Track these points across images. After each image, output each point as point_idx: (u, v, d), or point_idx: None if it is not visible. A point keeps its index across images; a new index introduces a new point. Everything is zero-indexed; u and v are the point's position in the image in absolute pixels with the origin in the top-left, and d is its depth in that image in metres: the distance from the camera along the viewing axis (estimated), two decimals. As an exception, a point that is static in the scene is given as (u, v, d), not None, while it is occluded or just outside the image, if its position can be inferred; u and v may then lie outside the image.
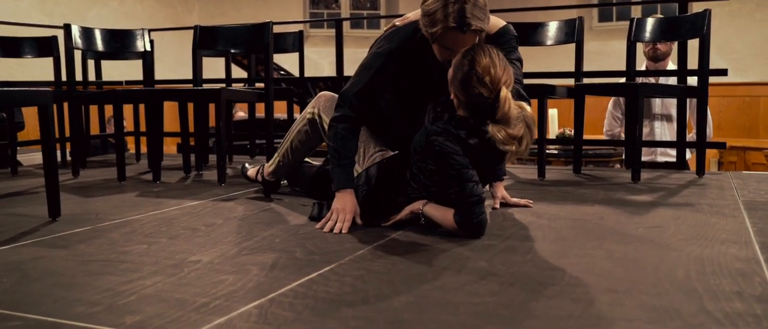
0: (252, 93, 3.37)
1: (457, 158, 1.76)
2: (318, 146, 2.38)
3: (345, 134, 1.99)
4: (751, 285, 1.35)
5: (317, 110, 2.26)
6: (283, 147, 2.42)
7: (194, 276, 1.47)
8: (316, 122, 2.26)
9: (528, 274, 1.45)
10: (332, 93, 2.31)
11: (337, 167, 1.99)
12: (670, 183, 2.94)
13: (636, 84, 2.98)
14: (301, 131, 2.33)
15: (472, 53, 1.79)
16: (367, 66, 2.04)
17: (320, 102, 2.28)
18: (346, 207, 1.94)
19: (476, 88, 1.75)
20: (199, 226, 2.05)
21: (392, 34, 2.05)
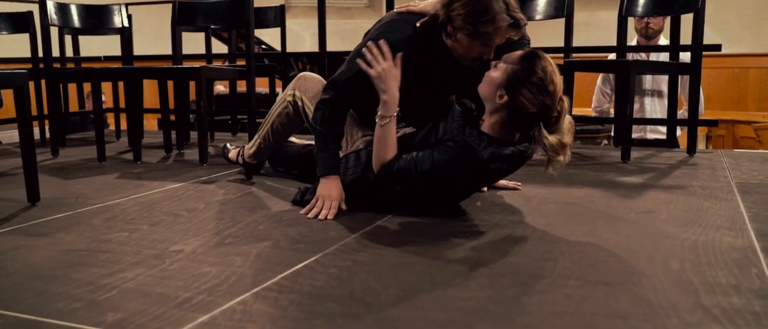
0: (233, 71, 3.28)
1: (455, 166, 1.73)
2: (299, 127, 2.31)
3: (332, 119, 1.93)
4: (748, 277, 1.32)
5: (298, 92, 2.19)
6: (263, 129, 2.35)
7: (176, 268, 1.41)
8: (297, 104, 2.19)
9: (518, 265, 1.41)
10: (312, 74, 2.24)
11: (323, 151, 1.93)
12: (661, 163, 2.92)
13: (628, 61, 2.93)
14: (281, 113, 2.26)
15: (537, 59, 1.69)
16: (360, 55, 1.95)
17: (300, 83, 2.20)
18: (331, 194, 1.89)
19: (542, 96, 1.68)
20: (180, 211, 1.99)
21: (392, 24, 1.94)
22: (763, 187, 2.31)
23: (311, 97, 2.14)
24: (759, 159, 2.98)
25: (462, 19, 1.74)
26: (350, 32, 7.87)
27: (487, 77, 1.78)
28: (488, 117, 1.79)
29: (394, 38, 1.85)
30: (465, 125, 1.79)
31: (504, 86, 1.72)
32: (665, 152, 3.29)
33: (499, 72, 1.74)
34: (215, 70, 3.22)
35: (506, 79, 1.71)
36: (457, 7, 1.75)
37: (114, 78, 3.64)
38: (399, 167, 1.79)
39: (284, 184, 2.42)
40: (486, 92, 1.77)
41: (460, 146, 1.73)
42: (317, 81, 2.18)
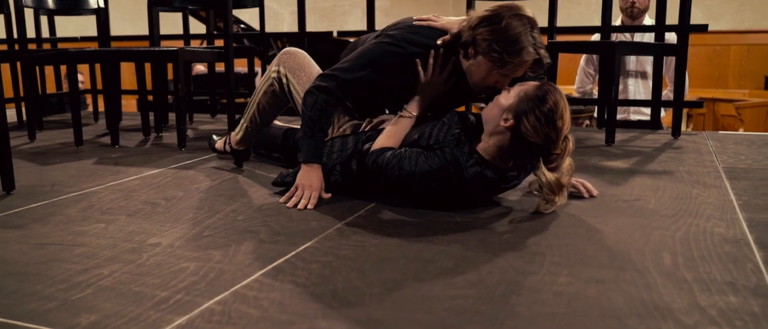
0: (211, 53, 3.18)
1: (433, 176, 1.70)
2: (287, 105, 2.22)
3: (324, 107, 1.85)
4: (743, 273, 1.29)
5: (282, 68, 2.09)
6: (249, 111, 2.25)
7: (153, 264, 1.36)
8: (282, 81, 2.10)
9: (506, 259, 1.37)
10: (297, 49, 2.15)
11: (309, 138, 1.86)
12: (646, 146, 2.90)
13: (613, 42, 2.88)
14: (267, 91, 2.16)
15: (552, 91, 1.64)
16: (370, 59, 1.85)
17: (284, 59, 2.11)
18: (312, 183, 1.84)
19: (548, 129, 1.64)
20: (159, 200, 1.93)
21: (411, 34, 1.85)
22: (750, 172, 2.29)
23: (296, 73, 2.06)
24: (745, 142, 2.97)
25: (488, 45, 1.70)
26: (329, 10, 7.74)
27: (496, 101, 1.71)
28: (486, 138, 1.73)
29: (405, 53, 1.84)
30: (460, 138, 1.74)
31: (512, 110, 1.66)
32: (649, 134, 3.27)
33: (510, 97, 1.68)
34: (193, 52, 3.12)
35: (516, 103, 1.65)
36: (485, 32, 1.70)
37: (90, 60, 3.53)
38: (386, 159, 1.74)
39: (265, 169, 2.36)
40: (491, 114, 1.71)
41: (447, 159, 1.68)
42: (302, 56, 2.10)
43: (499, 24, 1.69)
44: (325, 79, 1.86)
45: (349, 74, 1.85)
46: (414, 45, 1.85)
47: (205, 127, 3.65)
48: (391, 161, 1.73)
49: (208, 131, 3.50)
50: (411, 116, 1.85)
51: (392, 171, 1.72)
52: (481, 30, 1.71)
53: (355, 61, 1.87)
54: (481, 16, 1.74)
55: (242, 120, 2.31)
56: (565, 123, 1.64)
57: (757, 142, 2.96)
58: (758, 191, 1.99)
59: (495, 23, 1.70)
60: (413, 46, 1.85)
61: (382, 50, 1.86)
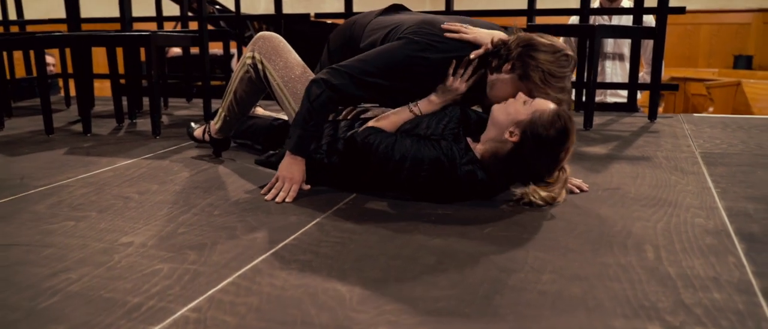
0: (185, 37, 3.10)
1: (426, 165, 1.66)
2: (265, 91, 2.15)
3: (327, 103, 1.76)
4: (726, 267, 1.29)
5: (257, 54, 2.02)
6: (226, 99, 2.18)
7: (125, 265, 1.31)
8: (257, 67, 2.03)
9: (488, 256, 1.35)
10: (272, 33, 2.08)
11: (301, 128, 1.77)
12: (623, 130, 2.90)
13: (592, 26, 2.87)
14: (243, 78, 2.10)
15: (566, 121, 1.60)
16: (390, 64, 1.75)
17: (259, 44, 2.03)
18: (294, 176, 1.79)
19: (550, 157, 1.64)
20: (132, 193, 1.87)
21: (438, 43, 1.75)
22: (727, 157, 2.30)
23: (272, 58, 1.99)
24: (719, 125, 2.99)
25: (531, 70, 1.65)
26: (307, -9, 7.59)
27: (510, 105, 1.65)
28: (486, 140, 1.69)
29: (428, 59, 1.76)
30: (458, 134, 1.69)
31: (521, 126, 1.62)
32: (626, 117, 3.28)
33: (524, 110, 1.62)
34: (167, 36, 3.02)
35: (528, 121, 1.61)
36: (533, 56, 1.65)
37: (59, 45, 3.41)
38: (378, 139, 1.67)
39: (244, 159, 2.31)
40: (500, 118, 1.65)
41: (443, 152, 1.64)
42: (278, 41, 2.03)
43: (552, 54, 1.65)
44: (337, 76, 1.75)
45: (364, 76, 1.75)
46: (441, 54, 1.76)
47: (180, 112, 3.57)
48: (383, 142, 1.67)
49: (184, 116, 3.42)
50: (418, 113, 1.78)
51: (383, 153, 1.66)
52: (532, 54, 1.66)
53: (372, 62, 1.76)
54: (533, 41, 1.68)
55: (220, 109, 2.24)
56: (567, 154, 1.65)
57: (731, 125, 2.99)
58: (735, 178, 2.00)
59: (546, 52, 1.65)
60: (439, 56, 1.75)
61: (404, 57, 1.75)
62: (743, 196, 1.80)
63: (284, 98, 1.98)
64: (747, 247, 1.40)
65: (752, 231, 1.50)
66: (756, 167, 2.16)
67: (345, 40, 1.99)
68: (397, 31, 1.83)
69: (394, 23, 1.88)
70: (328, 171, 1.84)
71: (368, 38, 1.91)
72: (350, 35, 1.98)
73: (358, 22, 1.99)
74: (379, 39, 1.88)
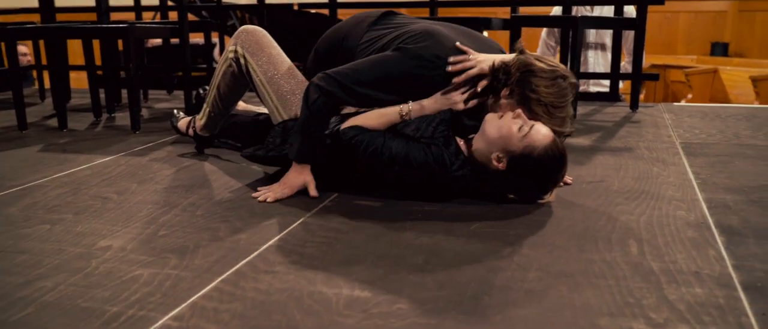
0: (165, 28, 3.03)
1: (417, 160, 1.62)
2: (248, 86, 2.10)
3: (322, 108, 1.71)
4: (707, 261, 1.30)
5: (240, 48, 1.98)
6: (210, 96, 2.13)
7: (103, 272, 1.28)
8: (240, 62, 1.98)
9: (474, 254, 1.34)
10: (255, 27, 2.03)
11: (302, 134, 1.71)
12: (606, 120, 2.92)
13: (575, 17, 2.86)
14: (226, 73, 2.04)
15: (560, 157, 1.58)
16: (386, 76, 1.69)
17: (241, 38, 1.99)
18: (295, 183, 1.74)
19: (538, 189, 1.64)
20: (110, 194, 1.83)
21: (436, 59, 1.69)
22: (705, 147, 2.33)
23: (255, 52, 1.94)
24: (698, 114, 3.02)
25: (534, 101, 1.61)
26: (290, -22, 7.50)
27: (504, 125, 1.59)
28: (477, 147, 1.65)
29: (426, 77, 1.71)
30: (449, 137, 1.66)
31: (509, 155, 1.58)
32: (609, 107, 3.30)
33: (518, 139, 1.56)
34: (146, 28, 2.96)
35: (520, 152, 1.57)
36: (538, 85, 1.60)
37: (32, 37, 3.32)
38: (367, 139, 1.64)
39: (228, 154, 2.28)
40: (491, 134, 1.60)
41: (433, 158, 1.61)
42: (261, 34, 1.99)
43: (551, 81, 1.61)
44: (329, 82, 1.70)
45: (356, 86, 1.69)
46: (439, 71, 1.70)
47: (161, 105, 3.51)
48: (371, 144, 1.63)
49: (165, 109, 3.36)
50: (408, 118, 1.71)
51: (371, 155, 1.63)
52: (531, 80, 1.61)
53: (366, 72, 1.70)
54: (532, 67, 1.62)
55: (205, 105, 2.18)
56: (555, 186, 1.65)
57: (709, 114, 3.02)
58: (714, 169, 2.02)
59: (545, 78, 1.61)
60: (438, 74, 1.70)
61: (399, 72, 1.69)
62: (722, 187, 1.82)
63: (266, 93, 1.94)
64: (727, 240, 1.41)
65: (731, 224, 1.52)
66: (733, 157, 2.18)
67: (336, 50, 1.92)
68: (395, 40, 1.77)
69: (391, 34, 1.81)
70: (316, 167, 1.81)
71: (363, 49, 1.85)
72: (343, 47, 1.90)
73: (351, 35, 1.90)
74: (376, 49, 1.81)
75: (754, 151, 2.26)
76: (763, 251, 1.35)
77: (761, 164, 2.07)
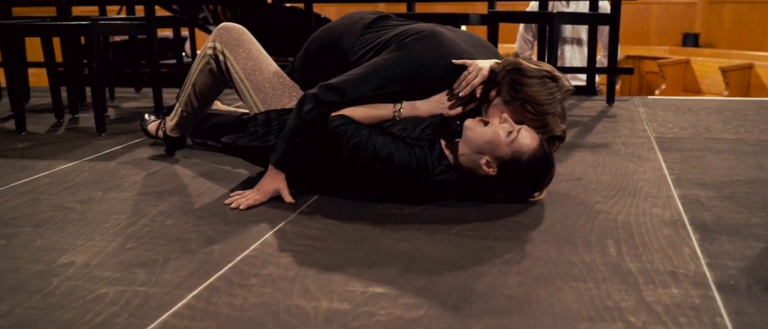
0: (130, 25, 2.92)
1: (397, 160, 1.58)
2: (226, 85, 2.01)
3: (317, 120, 1.64)
4: (683, 260, 1.30)
5: (219, 44, 1.90)
6: (184, 94, 2.04)
7: (65, 291, 1.21)
8: (218, 59, 1.91)
9: (454, 260, 1.31)
10: (233, 24, 1.96)
11: (288, 143, 1.66)
12: (583, 115, 2.92)
13: (552, 13, 2.86)
14: (203, 70, 1.96)
15: (547, 163, 1.58)
16: (387, 81, 1.64)
17: (220, 34, 1.92)
18: (268, 191, 1.69)
19: (527, 193, 1.63)
20: (73, 203, 1.75)
21: (436, 60, 1.66)
22: (679, 142, 2.35)
23: (235, 49, 1.88)
24: (671, 108, 3.05)
25: (523, 100, 1.59)
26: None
27: (490, 132, 1.56)
28: (463, 152, 1.61)
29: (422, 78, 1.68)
30: (434, 141, 1.62)
31: (499, 160, 1.56)
32: (586, 101, 3.31)
33: (506, 145, 1.54)
34: (109, 25, 2.84)
35: (509, 157, 1.55)
36: (526, 84, 1.59)
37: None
38: (353, 130, 1.59)
39: (199, 157, 2.21)
40: (477, 141, 1.57)
41: (416, 160, 1.57)
42: (241, 31, 1.92)
43: (539, 80, 1.60)
44: (329, 94, 1.64)
45: (354, 92, 1.64)
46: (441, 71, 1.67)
47: (129, 104, 3.41)
48: (355, 136, 1.58)
49: (133, 109, 3.26)
50: (399, 117, 1.67)
51: (353, 147, 1.58)
52: (520, 80, 1.60)
53: (369, 80, 1.65)
54: (520, 66, 1.62)
55: (177, 104, 2.10)
56: (544, 189, 1.64)
57: (681, 107, 3.06)
58: (687, 164, 2.04)
59: (533, 77, 1.60)
60: (439, 77, 1.67)
61: (404, 72, 1.65)
62: (695, 183, 1.83)
63: (246, 90, 1.87)
64: (701, 237, 1.42)
65: (705, 220, 1.53)
66: (705, 151, 2.21)
67: (329, 51, 1.86)
68: (396, 38, 1.72)
69: (390, 33, 1.77)
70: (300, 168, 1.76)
71: (359, 52, 1.80)
72: (336, 48, 1.84)
73: (345, 36, 1.84)
74: (371, 51, 1.77)
75: (725, 145, 2.29)
76: (735, 248, 1.36)
77: (731, 159, 2.10)
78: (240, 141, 1.83)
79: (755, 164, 2.03)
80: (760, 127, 2.58)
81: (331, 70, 1.80)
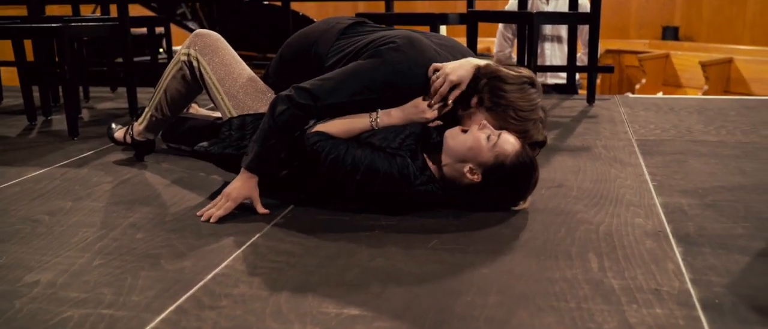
0: (103, 27, 2.85)
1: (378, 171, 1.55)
2: (200, 92, 1.99)
3: (291, 122, 1.60)
4: (666, 276, 1.27)
5: (194, 51, 1.87)
6: (155, 98, 2.01)
7: (28, 315, 1.16)
8: (192, 65, 1.87)
9: (433, 277, 1.28)
10: (209, 31, 1.92)
11: (261, 145, 1.61)
12: (563, 115, 2.91)
13: (531, 13, 2.83)
14: (176, 76, 1.93)
15: (530, 167, 1.56)
16: (362, 88, 1.61)
17: (195, 41, 1.88)
18: (239, 195, 1.63)
19: (512, 199, 1.61)
20: (41, 215, 1.69)
21: (412, 68, 1.63)
22: (660, 144, 2.34)
23: (209, 56, 1.85)
24: (653, 107, 3.04)
25: (503, 106, 1.58)
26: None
27: (470, 138, 1.55)
28: (445, 162, 1.59)
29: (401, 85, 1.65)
30: (416, 152, 1.59)
31: (482, 167, 1.54)
32: (567, 100, 3.29)
33: (488, 150, 1.52)
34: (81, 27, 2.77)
35: (492, 163, 1.53)
36: (506, 89, 1.58)
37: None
38: (330, 146, 1.56)
39: (171, 162, 2.16)
40: (457, 149, 1.55)
41: (397, 169, 1.54)
42: (216, 38, 1.89)
43: (519, 86, 1.59)
44: (303, 95, 1.60)
45: (333, 100, 1.61)
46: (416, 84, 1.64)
47: (103, 105, 3.33)
48: (333, 151, 1.55)
49: (107, 110, 3.19)
50: (376, 126, 1.64)
51: (332, 162, 1.54)
52: (499, 86, 1.58)
53: (344, 84, 1.62)
54: (499, 73, 1.60)
55: (146, 108, 2.06)
56: (530, 192, 1.62)
57: (662, 107, 3.05)
58: (669, 169, 2.02)
59: (512, 84, 1.59)
60: (415, 85, 1.64)
61: (380, 79, 1.62)
62: (677, 190, 1.82)
63: (219, 97, 1.84)
64: (684, 250, 1.40)
65: (688, 231, 1.51)
66: (687, 154, 2.19)
67: (304, 56, 1.82)
68: (370, 44, 1.68)
69: (364, 39, 1.73)
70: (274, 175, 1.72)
71: (333, 58, 1.76)
72: (312, 53, 1.81)
73: (321, 41, 1.81)
74: (346, 57, 1.73)
75: (706, 147, 2.28)
76: (719, 262, 1.34)
77: (713, 163, 2.09)
78: (213, 148, 1.79)
79: (737, 168, 2.02)
80: (741, 128, 2.58)
81: (306, 76, 1.77)
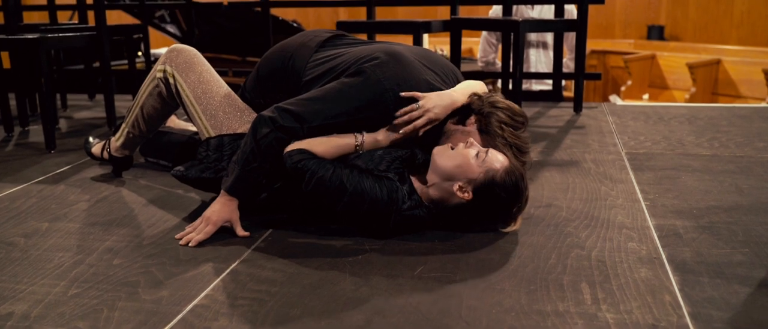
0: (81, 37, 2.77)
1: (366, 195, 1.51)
2: (175, 110, 1.96)
3: (274, 145, 1.55)
4: (663, 309, 1.24)
5: (169, 67, 1.82)
6: (132, 115, 1.97)
7: (-3, 353, 1.11)
8: (168, 82, 1.83)
9: (419, 310, 1.24)
10: (185, 46, 1.88)
11: (242, 168, 1.56)
12: (550, 126, 2.88)
13: (517, 21, 2.80)
14: (152, 93, 1.89)
15: (521, 183, 1.54)
16: (349, 109, 1.58)
17: (171, 57, 1.84)
18: (220, 219, 1.58)
19: (505, 217, 1.58)
20: (16, 238, 1.63)
21: (399, 85, 1.60)
22: (651, 158, 2.31)
23: (185, 73, 1.80)
24: (642, 117, 3.02)
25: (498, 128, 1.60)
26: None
27: (458, 156, 1.53)
28: (432, 184, 1.56)
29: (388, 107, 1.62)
30: (403, 175, 1.56)
31: (473, 184, 1.51)
32: (552, 108, 3.27)
33: (477, 166, 1.51)
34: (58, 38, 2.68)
35: (483, 180, 1.50)
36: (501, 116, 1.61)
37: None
38: (314, 165, 1.51)
39: (149, 179, 2.10)
40: (445, 167, 1.53)
41: (386, 193, 1.51)
42: (192, 54, 1.85)
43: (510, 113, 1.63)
44: (285, 118, 1.55)
45: (318, 121, 1.56)
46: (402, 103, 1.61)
47: (82, 114, 3.26)
48: (318, 172, 1.50)
49: (86, 120, 3.12)
50: (360, 150, 1.60)
51: (316, 183, 1.50)
52: (496, 112, 1.61)
53: (329, 104, 1.58)
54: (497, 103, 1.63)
55: (124, 124, 2.02)
56: (521, 210, 1.59)
57: (652, 116, 3.03)
58: (661, 186, 1.99)
59: (505, 110, 1.62)
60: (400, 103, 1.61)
61: (366, 99, 1.59)
62: (672, 210, 1.78)
63: (196, 114, 1.80)
64: (681, 280, 1.36)
65: (684, 258, 1.47)
66: (680, 170, 2.16)
67: (281, 72, 1.78)
68: (355, 62, 1.64)
69: (346, 55, 1.69)
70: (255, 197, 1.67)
71: (311, 73, 1.72)
72: (288, 67, 1.77)
73: (298, 55, 1.76)
74: (327, 73, 1.69)
75: (699, 162, 2.25)
76: (718, 294, 1.30)
77: (707, 180, 2.05)
78: (189, 173, 1.74)
79: (733, 185, 1.99)
80: (734, 140, 2.55)
81: (283, 91, 1.73)
